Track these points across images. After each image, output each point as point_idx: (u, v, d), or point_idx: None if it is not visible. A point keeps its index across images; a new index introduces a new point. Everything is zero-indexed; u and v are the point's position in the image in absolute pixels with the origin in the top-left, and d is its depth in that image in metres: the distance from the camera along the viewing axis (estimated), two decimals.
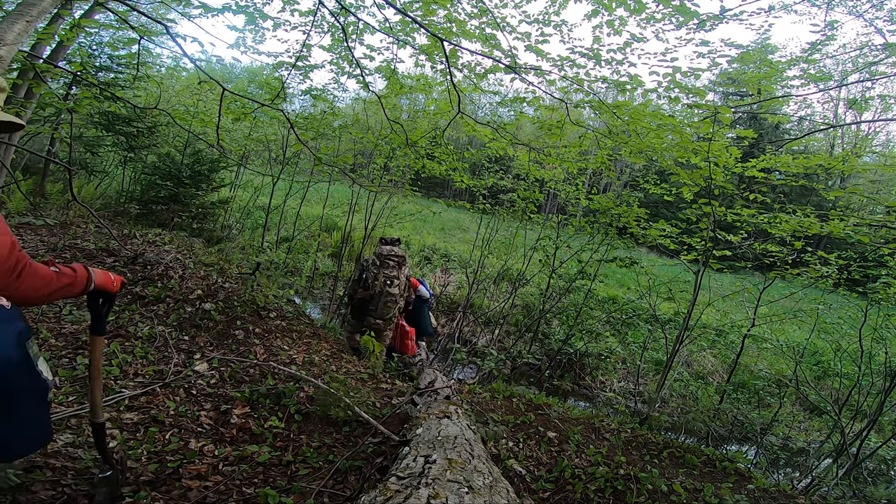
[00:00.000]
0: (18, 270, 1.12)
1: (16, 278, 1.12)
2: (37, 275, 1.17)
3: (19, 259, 1.13)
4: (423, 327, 5.03)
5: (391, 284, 4.12)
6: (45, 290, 1.20)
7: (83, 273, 1.33)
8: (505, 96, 4.66)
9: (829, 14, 3.52)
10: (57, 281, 1.24)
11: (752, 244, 4.60)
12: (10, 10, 1.93)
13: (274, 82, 5.17)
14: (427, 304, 5.11)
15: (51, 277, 1.22)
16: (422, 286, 5.00)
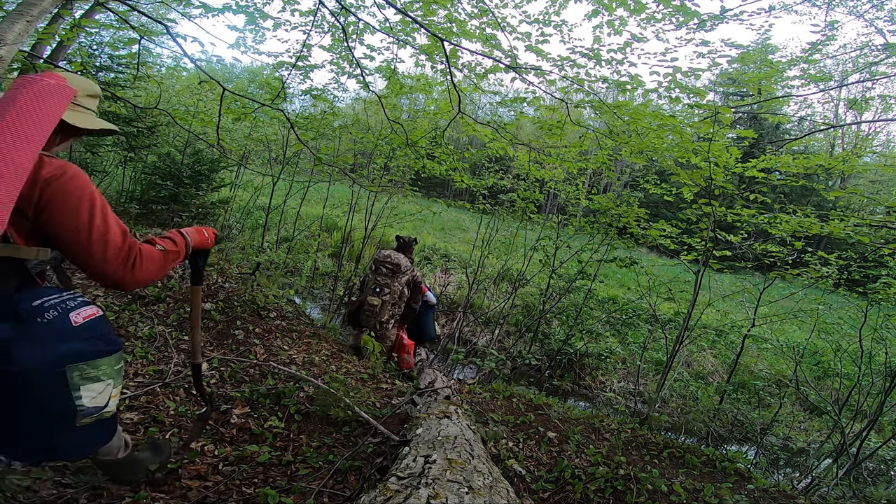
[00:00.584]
0: (132, 259, 1.15)
1: (131, 268, 1.15)
2: (149, 260, 1.20)
3: (132, 247, 1.16)
4: (427, 332, 5.02)
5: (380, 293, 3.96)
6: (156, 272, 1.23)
7: (181, 241, 1.36)
8: (505, 96, 4.66)
9: (829, 14, 3.52)
10: (164, 259, 1.27)
11: (752, 244, 4.60)
12: (10, 10, 1.93)
13: (274, 82, 5.17)
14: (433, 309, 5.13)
15: (159, 258, 1.25)
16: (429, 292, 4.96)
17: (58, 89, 1.05)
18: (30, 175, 1.00)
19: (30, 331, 1.02)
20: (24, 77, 1.05)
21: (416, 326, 4.97)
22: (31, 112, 0.99)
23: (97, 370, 1.10)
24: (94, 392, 1.09)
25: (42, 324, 1.04)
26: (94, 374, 1.09)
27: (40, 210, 1.04)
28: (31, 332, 1.02)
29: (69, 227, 1.06)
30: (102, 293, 3.53)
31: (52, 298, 1.09)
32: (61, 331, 1.06)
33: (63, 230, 1.06)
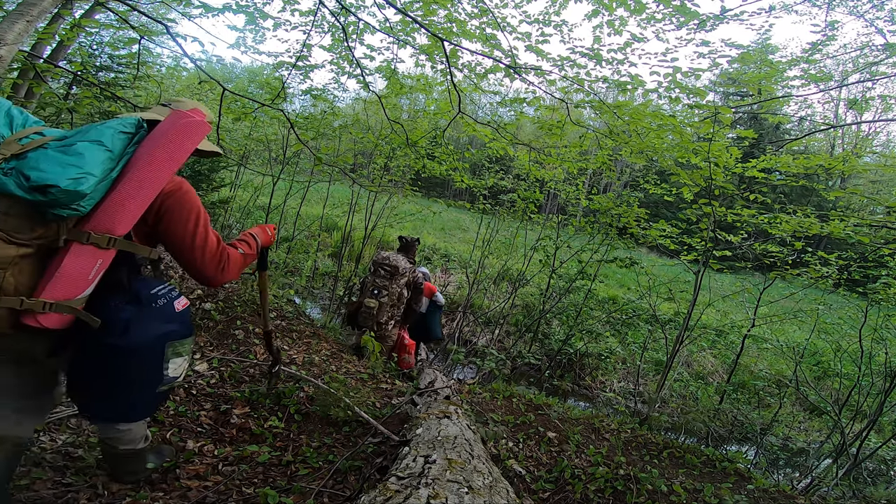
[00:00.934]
0: (223, 264, 1.38)
1: (222, 270, 1.38)
2: (234, 263, 1.42)
3: (223, 253, 1.38)
4: (434, 332, 5.08)
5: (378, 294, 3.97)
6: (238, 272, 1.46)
7: (254, 243, 1.59)
8: (505, 96, 4.66)
9: (829, 14, 3.52)
10: (243, 261, 1.50)
11: (752, 244, 4.60)
12: (10, 10, 1.93)
13: (274, 82, 5.17)
14: (440, 309, 5.17)
15: (240, 260, 1.48)
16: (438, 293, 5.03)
17: (201, 126, 1.28)
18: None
19: (147, 313, 1.24)
20: (178, 112, 1.29)
21: (424, 326, 5.03)
22: (179, 144, 1.23)
23: (183, 347, 1.33)
24: (176, 365, 1.32)
25: (156, 308, 1.27)
26: (180, 350, 1.32)
27: (159, 218, 1.26)
28: (147, 315, 1.24)
29: (179, 234, 1.29)
30: None
31: (162, 289, 1.31)
32: (169, 315, 1.29)
33: (174, 236, 1.29)
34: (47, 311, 1.08)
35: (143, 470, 1.74)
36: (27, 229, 1.06)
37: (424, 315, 5.11)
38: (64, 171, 1.06)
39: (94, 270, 1.13)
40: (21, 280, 1.06)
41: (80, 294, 1.12)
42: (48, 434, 1.88)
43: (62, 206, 1.06)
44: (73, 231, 1.11)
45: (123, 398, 1.31)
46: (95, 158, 1.11)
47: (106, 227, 1.13)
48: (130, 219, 1.16)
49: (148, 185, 1.17)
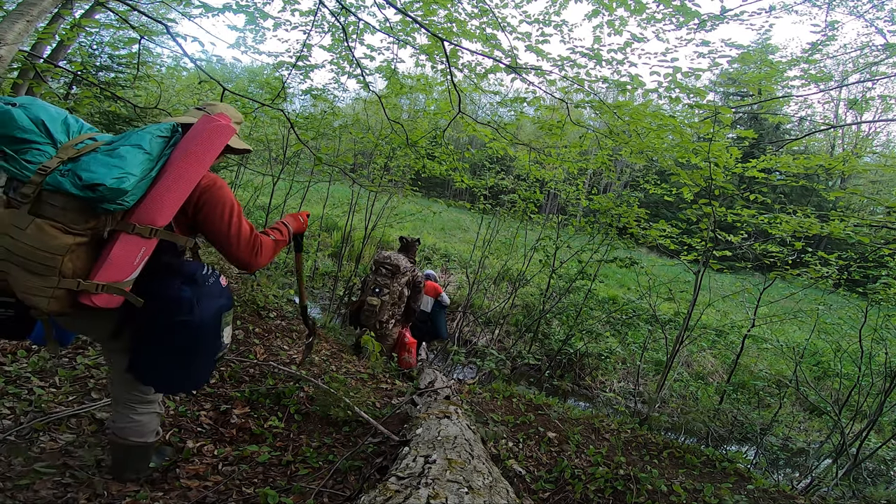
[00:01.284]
0: (257, 249, 1.54)
1: (255, 255, 1.54)
2: (266, 248, 1.59)
3: (256, 239, 1.54)
4: (440, 332, 5.18)
5: (379, 293, 3.99)
6: (271, 257, 1.63)
7: (286, 231, 1.74)
8: (505, 96, 4.66)
9: (829, 14, 3.52)
10: (276, 247, 1.66)
11: (752, 244, 4.60)
12: (10, 10, 1.93)
13: (274, 82, 5.17)
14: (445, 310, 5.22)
15: (272, 246, 1.63)
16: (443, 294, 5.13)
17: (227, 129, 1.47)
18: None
19: (204, 291, 1.42)
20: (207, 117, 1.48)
21: (431, 326, 5.15)
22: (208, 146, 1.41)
23: (229, 317, 1.52)
24: (227, 333, 1.52)
25: (209, 286, 1.44)
26: (229, 320, 1.52)
27: (197, 210, 1.43)
28: (205, 293, 1.42)
29: (216, 225, 1.46)
30: None
31: (208, 269, 1.47)
32: (219, 291, 1.47)
33: (212, 226, 1.46)
34: (99, 292, 1.25)
35: (146, 468, 1.77)
36: (81, 221, 1.23)
37: (430, 315, 5.15)
38: (109, 172, 1.23)
39: (138, 257, 1.30)
40: (78, 265, 1.23)
41: (126, 277, 1.29)
42: (48, 434, 1.89)
43: (108, 202, 1.23)
44: (120, 223, 1.28)
45: (194, 368, 1.51)
46: (135, 160, 1.28)
47: (148, 219, 1.29)
48: (169, 212, 1.33)
49: (183, 181, 1.34)
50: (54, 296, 1.21)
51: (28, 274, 1.19)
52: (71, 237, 1.21)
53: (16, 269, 1.19)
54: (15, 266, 1.19)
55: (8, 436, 1.80)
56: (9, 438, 1.79)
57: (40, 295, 1.21)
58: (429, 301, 5.19)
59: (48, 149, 1.27)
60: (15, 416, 1.96)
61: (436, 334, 5.22)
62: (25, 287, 1.20)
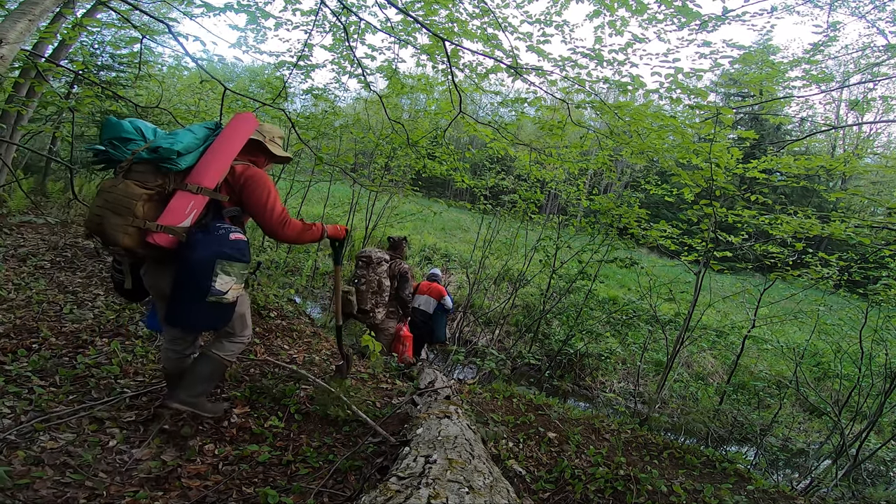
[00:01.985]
0: (285, 223, 1.98)
1: (283, 227, 1.98)
2: (293, 226, 2.02)
3: (285, 215, 1.99)
4: (438, 335, 5.19)
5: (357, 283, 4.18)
6: (298, 235, 2.05)
7: (320, 227, 2.16)
8: (506, 96, 4.66)
9: (831, 15, 3.51)
10: (303, 228, 2.06)
11: (752, 245, 4.60)
12: (12, 9, 1.93)
13: (275, 82, 5.17)
14: (447, 313, 5.24)
15: (300, 226, 2.05)
16: (448, 297, 5.16)
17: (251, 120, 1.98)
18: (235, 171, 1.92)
19: (209, 237, 1.77)
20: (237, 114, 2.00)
21: (429, 328, 5.12)
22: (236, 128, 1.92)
23: (231, 268, 1.80)
24: (223, 281, 1.78)
25: (215, 235, 1.78)
26: (228, 269, 1.79)
27: (240, 189, 1.92)
28: (208, 238, 1.77)
29: (255, 198, 1.93)
30: (103, 293, 3.54)
31: (226, 225, 1.85)
32: (222, 240, 1.79)
33: (251, 199, 1.93)
34: (158, 231, 1.69)
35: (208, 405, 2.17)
36: (152, 180, 1.76)
37: (431, 316, 5.16)
38: (165, 141, 1.78)
39: (188, 208, 1.75)
40: (148, 212, 1.71)
41: (179, 223, 1.73)
42: (48, 433, 1.89)
43: (165, 161, 1.75)
44: (178, 183, 1.78)
45: (186, 304, 1.79)
46: (184, 137, 1.83)
47: (196, 180, 1.79)
48: (211, 175, 1.80)
49: (218, 153, 1.85)
50: (127, 232, 1.67)
51: (114, 215, 1.68)
52: (144, 191, 1.71)
53: (107, 213, 1.69)
54: (108, 210, 1.69)
55: (8, 435, 1.81)
56: (9, 437, 1.80)
57: (119, 231, 1.67)
58: (431, 302, 5.20)
59: (141, 143, 1.82)
60: (15, 416, 1.96)
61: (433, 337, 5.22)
62: (110, 225, 1.67)
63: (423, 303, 5.19)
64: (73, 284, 3.62)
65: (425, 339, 5.33)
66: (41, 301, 3.17)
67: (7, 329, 2.69)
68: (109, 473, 1.76)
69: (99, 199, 1.74)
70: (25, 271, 3.72)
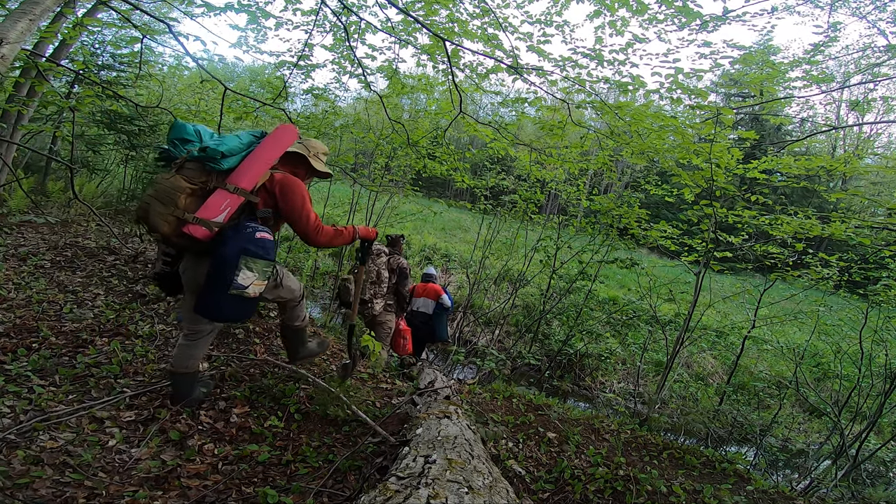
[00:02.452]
0: (317, 229, 2.14)
1: (316, 233, 2.14)
2: (325, 231, 2.18)
3: (317, 223, 2.14)
4: (439, 334, 5.23)
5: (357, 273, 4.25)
6: (329, 240, 2.21)
7: (351, 230, 2.32)
8: (507, 96, 4.66)
9: (831, 16, 3.52)
10: (335, 233, 2.23)
11: (753, 246, 4.59)
12: (13, 9, 1.93)
13: (276, 81, 5.17)
14: (447, 312, 5.26)
15: (332, 232, 2.22)
16: (445, 295, 5.21)
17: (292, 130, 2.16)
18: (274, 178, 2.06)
19: (237, 234, 1.92)
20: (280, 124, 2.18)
21: (430, 329, 5.15)
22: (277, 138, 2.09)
23: (254, 264, 1.93)
24: (246, 276, 1.91)
25: (243, 233, 1.93)
26: (251, 265, 1.92)
27: (278, 196, 2.06)
28: (236, 235, 1.91)
29: (290, 205, 2.08)
30: (103, 292, 3.54)
31: (256, 225, 1.98)
32: (249, 237, 1.93)
33: (287, 205, 2.08)
34: (194, 223, 1.85)
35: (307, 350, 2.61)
36: (198, 177, 1.93)
37: (431, 317, 5.17)
38: (213, 143, 1.97)
39: (224, 205, 1.91)
40: (189, 205, 1.88)
41: (213, 217, 1.89)
42: (48, 433, 1.89)
43: (210, 161, 1.93)
44: (218, 181, 1.94)
45: (212, 295, 1.93)
46: (230, 141, 2.00)
47: (235, 181, 1.94)
48: (248, 178, 1.96)
49: (257, 159, 2.00)
50: (167, 220, 1.84)
51: (159, 203, 1.86)
52: (189, 185, 1.89)
53: (154, 202, 1.87)
54: (155, 199, 1.87)
55: (8, 434, 1.81)
56: (9, 437, 1.80)
57: (160, 219, 1.84)
58: (429, 303, 5.21)
59: (197, 144, 2.03)
60: (15, 415, 1.96)
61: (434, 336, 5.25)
62: (154, 212, 1.85)
63: (421, 304, 5.21)
64: (73, 284, 3.62)
65: (427, 340, 5.34)
66: (41, 300, 3.17)
67: (7, 328, 2.70)
68: (109, 473, 1.76)
69: (151, 188, 1.96)
70: (25, 271, 3.72)
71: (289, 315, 2.46)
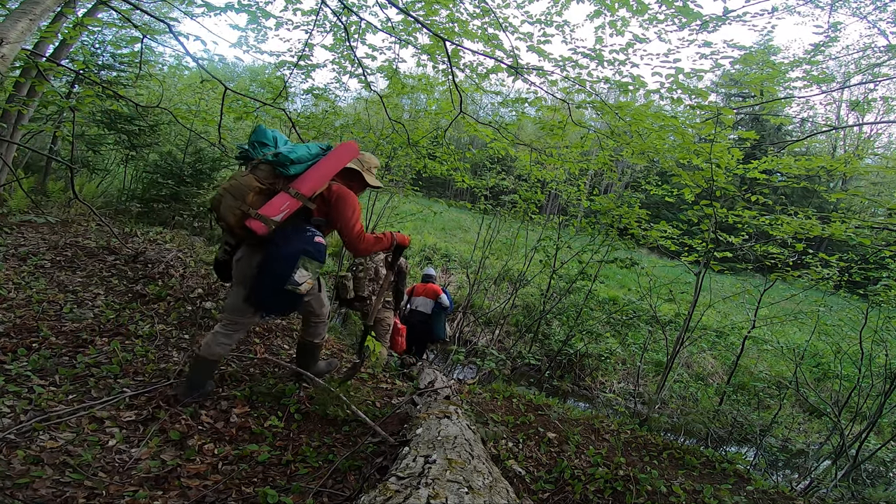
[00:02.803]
0: (361, 238, 2.31)
1: (360, 241, 2.32)
2: (367, 239, 2.35)
3: (363, 232, 2.33)
4: (437, 334, 5.28)
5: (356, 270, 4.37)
6: (370, 247, 2.38)
7: (389, 235, 2.48)
8: (507, 96, 4.66)
9: (832, 16, 3.51)
10: (375, 241, 2.39)
11: (753, 246, 4.59)
12: (13, 8, 1.93)
13: (276, 81, 5.17)
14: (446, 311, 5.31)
15: (373, 240, 2.38)
16: (444, 295, 5.26)
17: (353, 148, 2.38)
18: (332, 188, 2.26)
19: (297, 236, 2.12)
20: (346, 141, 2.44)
21: (428, 328, 5.14)
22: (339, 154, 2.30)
23: (310, 265, 2.13)
24: (301, 275, 2.10)
25: (303, 235, 2.13)
26: (308, 266, 2.12)
27: (332, 205, 2.26)
28: (297, 237, 2.12)
29: (341, 215, 2.27)
30: (103, 292, 3.54)
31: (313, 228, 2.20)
32: (308, 240, 2.13)
33: (339, 215, 2.27)
34: (255, 218, 2.03)
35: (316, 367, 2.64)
36: (266, 179, 2.15)
37: (430, 316, 5.18)
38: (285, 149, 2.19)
39: (283, 206, 2.07)
40: (254, 202, 2.08)
41: (273, 215, 2.04)
42: (48, 433, 1.89)
43: (280, 166, 2.15)
44: (284, 185, 2.15)
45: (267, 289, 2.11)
46: (299, 149, 2.22)
47: (297, 186, 2.13)
48: (309, 186, 2.14)
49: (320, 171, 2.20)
50: (234, 213, 2.06)
51: (231, 197, 2.08)
52: (258, 184, 2.11)
53: (227, 195, 2.09)
54: (228, 193, 2.09)
55: (8, 434, 1.81)
56: (9, 437, 1.80)
57: (229, 211, 2.07)
58: (428, 303, 5.21)
59: (272, 148, 2.27)
60: (15, 415, 1.96)
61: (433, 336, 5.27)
62: (226, 205, 2.08)
63: (420, 304, 5.22)
64: (73, 284, 3.62)
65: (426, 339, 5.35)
66: (41, 300, 3.17)
67: (7, 328, 2.70)
68: (109, 473, 1.76)
69: (227, 183, 2.18)
70: (25, 270, 3.72)
71: (310, 331, 2.56)
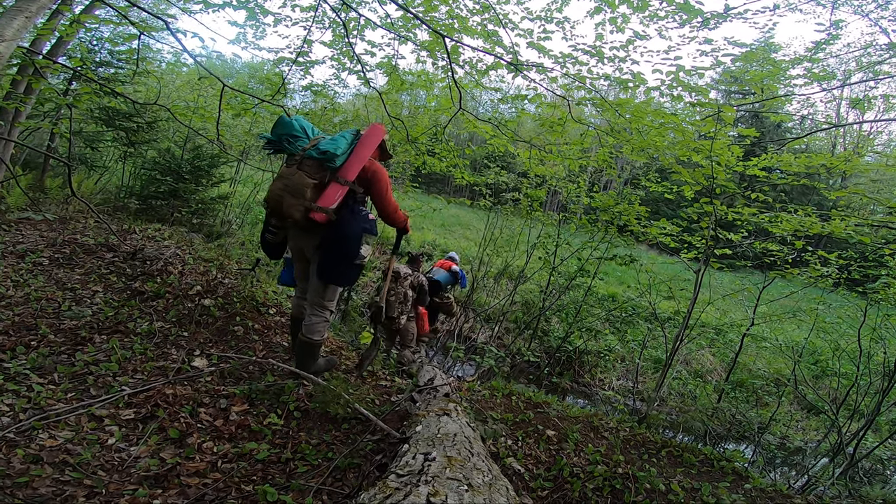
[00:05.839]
0: (395, 209, 2.62)
1: (395, 213, 2.62)
2: (401, 214, 2.67)
3: (396, 205, 2.63)
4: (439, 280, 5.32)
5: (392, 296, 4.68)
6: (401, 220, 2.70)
7: (404, 216, 2.73)
8: (506, 93, 4.64)
9: (834, 13, 3.50)
10: (404, 217, 2.72)
11: (752, 243, 4.59)
12: (9, 6, 1.92)
13: (274, 78, 5.14)
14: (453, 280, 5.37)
15: (403, 216, 2.71)
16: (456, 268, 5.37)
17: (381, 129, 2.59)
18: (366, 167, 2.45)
19: (356, 217, 2.41)
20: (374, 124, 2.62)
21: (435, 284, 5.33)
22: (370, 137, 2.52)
23: (370, 239, 2.43)
24: (365, 249, 2.42)
25: (360, 215, 2.43)
26: (368, 240, 2.43)
27: (368, 183, 2.50)
28: (356, 218, 2.41)
29: (377, 189, 2.52)
30: (102, 290, 3.54)
31: (365, 208, 2.50)
32: (365, 218, 2.44)
33: (375, 190, 2.52)
34: (318, 211, 2.30)
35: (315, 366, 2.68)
36: (316, 173, 2.36)
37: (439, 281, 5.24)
38: (330, 145, 2.38)
39: (337, 195, 2.35)
40: (312, 196, 2.32)
41: (330, 205, 2.32)
42: (47, 431, 1.89)
43: (328, 161, 2.35)
44: (332, 176, 2.38)
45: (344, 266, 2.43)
46: (342, 142, 2.43)
47: (343, 175, 2.38)
48: (353, 173, 2.39)
49: (360, 157, 2.43)
50: (299, 210, 2.29)
51: (291, 196, 2.31)
52: (311, 181, 2.32)
53: (286, 195, 2.31)
54: (286, 192, 2.32)
55: (7, 433, 1.81)
56: (8, 435, 1.80)
57: (293, 209, 2.29)
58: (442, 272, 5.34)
59: (306, 141, 2.50)
60: (14, 413, 1.96)
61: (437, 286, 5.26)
62: (288, 203, 2.31)
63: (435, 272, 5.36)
64: (71, 281, 3.61)
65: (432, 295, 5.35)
66: (39, 298, 3.16)
67: (5, 326, 2.69)
68: (108, 471, 1.76)
69: (279, 182, 2.38)
70: (24, 268, 3.71)
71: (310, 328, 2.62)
